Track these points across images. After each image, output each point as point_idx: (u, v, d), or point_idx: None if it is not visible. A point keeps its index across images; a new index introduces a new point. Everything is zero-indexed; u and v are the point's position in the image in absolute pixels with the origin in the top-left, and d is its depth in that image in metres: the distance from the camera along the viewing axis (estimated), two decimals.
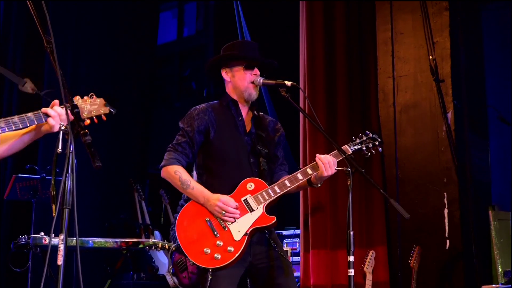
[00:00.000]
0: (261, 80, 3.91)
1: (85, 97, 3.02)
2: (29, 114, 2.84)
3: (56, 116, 2.84)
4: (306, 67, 6.50)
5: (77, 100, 2.97)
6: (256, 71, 3.94)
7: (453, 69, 5.96)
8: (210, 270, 3.61)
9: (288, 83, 3.82)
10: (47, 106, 2.92)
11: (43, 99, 3.04)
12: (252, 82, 3.92)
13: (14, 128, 2.81)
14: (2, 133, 2.80)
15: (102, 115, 3.04)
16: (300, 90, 5.78)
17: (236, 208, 3.71)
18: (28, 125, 2.85)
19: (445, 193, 5.80)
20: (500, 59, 6.82)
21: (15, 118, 2.79)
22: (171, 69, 12.20)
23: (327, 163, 3.76)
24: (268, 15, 8.84)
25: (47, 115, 2.85)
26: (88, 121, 2.97)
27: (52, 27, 2.73)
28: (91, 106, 2.99)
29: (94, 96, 3.03)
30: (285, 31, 8.14)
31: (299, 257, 6.38)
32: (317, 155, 3.83)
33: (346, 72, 6.40)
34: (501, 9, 6.81)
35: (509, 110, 6.61)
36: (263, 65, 4.00)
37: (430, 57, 6.00)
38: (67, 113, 2.60)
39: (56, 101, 2.92)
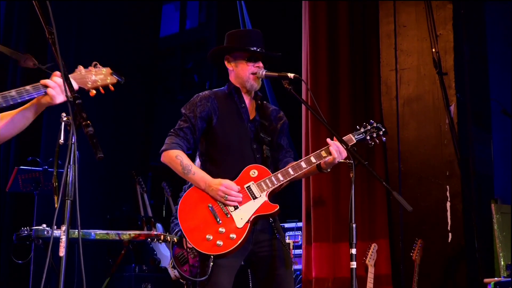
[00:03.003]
0: (264, 72, 3.90)
1: (90, 67, 2.90)
2: (28, 87, 2.72)
3: (56, 86, 2.73)
4: (309, 59, 6.49)
5: (80, 69, 2.86)
6: (259, 63, 3.92)
7: (456, 62, 5.94)
8: (212, 256, 3.60)
9: (291, 75, 3.81)
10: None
11: (47, 74, 2.93)
12: (254, 74, 3.90)
13: (12, 103, 2.69)
14: (28, 98, 2.69)
15: (110, 85, 2.93)
16: (302, 83, 5.78)
17: (239, 192, 3.70)
18: (27, 98, 2.73)
19: (447, 186, 5.80)
20: (503, 52, 6.80)
21: (13, 92, 2.68)
22: (173, 61, 12.18)
23: (337, 149, 3.75)
24: (271, 7, 8.82)
25: (46, 87, 2.74)
26: (93, 92, 2.86)
27: (55, 18, 2.71)
28: (97, 75, 2.88)
29: (98, 65, 2.91)
30: (288, 24, 8.11)
31: (301, 250, 6.39)
32: (328, 139, 3.79)
33: (349, 65, 6.39)
34: (504, 1, 6.79)
35: None
36: (267, 56, 3.99)
37: (433, 50, 5.98)
38: (71, 107, 2.55)
39: (57, 72, 2.79)
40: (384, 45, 6.36)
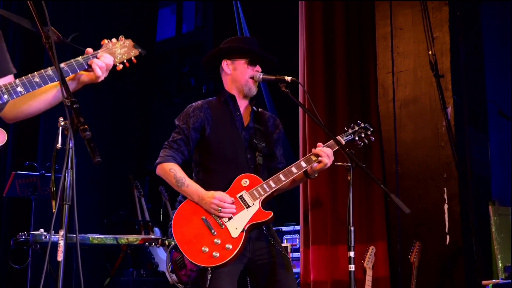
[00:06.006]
0: (261, 76, 3.90)
1: (113, 40, 2.93)
2: (75, 59, 2.75)
3: (103, 66, 2.78)
4: (306, 62, 6.49)
5: (106, 43, 2.89)
6: (258, 67, 3.93)
7: (453, 64, 5.95)
8: (210, 268, 3.60)
9: (288, 78, 3.81)
10: (76, 54, 2.81)
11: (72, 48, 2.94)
12: (252, 78, 3.91)
13: (56, 80, 2.71)
14: (44, 86, 2.71)
15: (133, 58, 2.96)
16: (299, 86, 5.79)
17: (232, 204, 3.70)
18: (70, 73, 2.76)
19: (445, 188, 5.80)
20: (499, 53, 6.81)
21: (62, 64, 2.71)
22: (170, 65, 12.18)
23: (327, 154, 3.77)
24: (267, 11, 8.82)
25: (90, 65, 2.77)
26: (120, 66, 2.89)
27: (51, 22, 2.71)
28: (121, 49, 2.92)
29: (122, 38, 2.95)
30: (285, 27, 8.12)
31: (299, 253, 6.38)
32: (314, 149, 3.83)
33: (346, 67, 6.39)
34: (500, 3, 6.80)
35: (509, 104, 6.61)
36: (263, 62, 3.99)
37: (430, 52, 5.99)
38: (69, 111, 2.54)
39: (90, 50, 2.84)
40: (381, 47, 6.37)
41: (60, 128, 2.60)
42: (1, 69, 2.93)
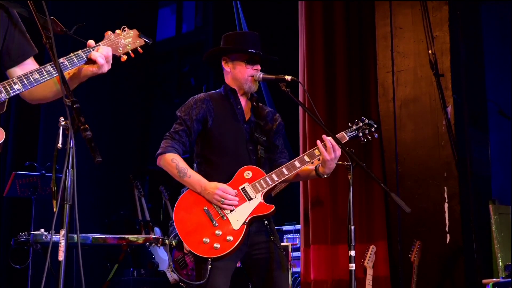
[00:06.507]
0: (261, 75, 3.89)
1: (117, 31, 2.87)
2: (76, 53, 2.75)
3: (103, 56, 2.75)
4: (306, 62, 6.49)
5: (109, 35, 2.85)
6: (258, 66, 3.92)
7: (453, 64, 5.95)
8: (210, 260, 3.59)
9: (288, 77, 3.81)
10: (78, 46, 2.80)
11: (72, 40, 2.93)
12: (252, 76, 3.90)
13: (55, 74, 2.69)
14: (50, 79, 2.71)
15: (138, 48, 2.91)
16: (299, 85, 5.79)
17: (235, 196, 3.70)
18: (70, 67, 2.75)
19: (445, 188, 5.80)
20: (499, 53, 6.81)
21: (61, 60, 2.71)
22: (170, 65, 12.18)
23: (330, 146, 3.73)
24: (267, 11, 8.82)
25: (90, 58, 2.75)
26: (124, 57, 2.86)
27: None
28: (125, 39, 2.86)
29: (126, 28, 2.88)
30: (285, 27, 8.12)
31: (299, 253, 6.38)
32: (319, 140, 3.78)
33: (346, 67, 6.40)
34: (500, 3, 6.80)
35: (508, 104, 6.61)
36: (263, 59, 3.99)
37: (430, 52, 5.99)
38: (69, 111, 2.53)
39: (91, 42, 2.80)
40: (381, 47, 6.37)
41: (61, 128, 2.59)
42: (21, 51, 2.92)
